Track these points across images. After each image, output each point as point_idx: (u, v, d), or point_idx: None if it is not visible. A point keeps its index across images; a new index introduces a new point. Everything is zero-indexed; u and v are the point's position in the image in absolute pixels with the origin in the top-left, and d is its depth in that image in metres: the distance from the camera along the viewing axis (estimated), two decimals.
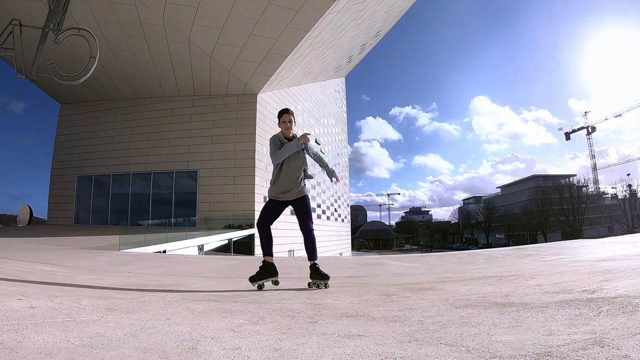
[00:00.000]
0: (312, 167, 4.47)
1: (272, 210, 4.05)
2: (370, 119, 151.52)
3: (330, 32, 19.64)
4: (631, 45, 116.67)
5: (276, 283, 3.98)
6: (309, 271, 3.91)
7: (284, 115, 4.18)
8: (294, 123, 4.19)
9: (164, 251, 12.46)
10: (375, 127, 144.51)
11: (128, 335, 1.78)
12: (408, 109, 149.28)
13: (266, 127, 22.83)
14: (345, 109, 45.64)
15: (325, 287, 3.79)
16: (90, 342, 1.62)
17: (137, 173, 23.31)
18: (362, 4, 18.76)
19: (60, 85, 9.80)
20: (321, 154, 4.37)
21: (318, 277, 3.83)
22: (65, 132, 25.41)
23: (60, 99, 25.54)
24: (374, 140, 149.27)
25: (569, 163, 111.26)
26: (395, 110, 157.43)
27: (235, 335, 1.77)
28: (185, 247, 14.18)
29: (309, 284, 3.90)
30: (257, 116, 21.90)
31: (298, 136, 4.16)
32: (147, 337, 1.73)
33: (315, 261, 3.94)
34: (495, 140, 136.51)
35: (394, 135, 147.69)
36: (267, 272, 3.86)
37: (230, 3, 15.57)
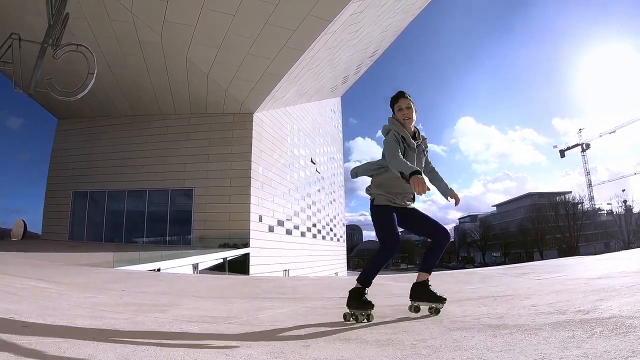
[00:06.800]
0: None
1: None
2: (359, 139, 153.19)
3: (326, 53, 19.89)
4: (616, 64, 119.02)
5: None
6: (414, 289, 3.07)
7: (400, 100, 3.08)
8: (414, 111, 3.06)
9: (159, 269, 12.34)
10: (365, 148, 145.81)
11: (120, 358, 1.77)
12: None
13: (262, 146, 22.90)
14: (341, 129, 45.94)
15: (436, 313, 2.98)
16: None
17: (132, 190, 23.24)
18: (358, 24, 19.05)
19: (58, 100, 9.85)
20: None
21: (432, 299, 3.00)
22: (62, 147, 25.36)
23: (57, 114, 25.57)
24: (365, 160, 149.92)
25: (560, 180, 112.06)
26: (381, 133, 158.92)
27: (228, 359, 1.75)
28: (180, 265, 14.07)
29: (410, 306, 3.09)
30: (253, 135, 21.98)
31: (421, 133, 3.13)
32: None
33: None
34: (484, 161, 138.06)
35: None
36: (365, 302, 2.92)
37: (228, 23, 15.79)
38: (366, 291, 2.93)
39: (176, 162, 22.46)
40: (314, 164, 32.45)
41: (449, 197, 3.13)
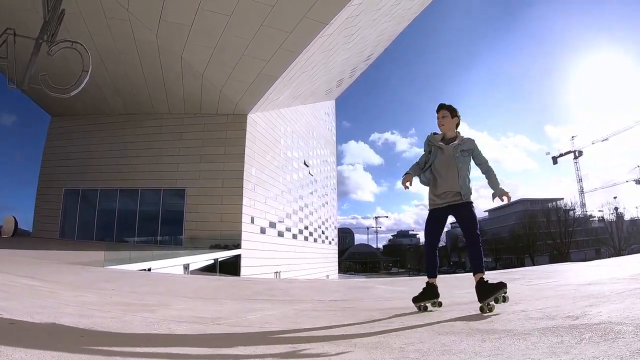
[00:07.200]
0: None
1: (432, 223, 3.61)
2: (352, 142, 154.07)
3: (321, 55, 19.90)
4: (609, 72, 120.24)
5: (439, 304, 3.62)
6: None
7: (440, 111, 3.74)
8: (450, 117, 3.70)
9: (149, 269, 12.26)
10: (358, 151, 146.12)
11: (106, 356, 1.74)
12: (387, 135, 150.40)
13: (255, 148, 22.83)
14: (334, 132, 45.94)
15: (504, 301, 3.27)
16: None
17: (124, 189, 23.06)
18: (354, 28, 19.09)
19: (51, 97, 9.76)
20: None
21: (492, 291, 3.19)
22: (54, 144, 25.05)
23: (50, 111, 25.27)
24: (357, 163, 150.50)
25: (552, 187, 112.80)
26: (374, 136, 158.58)
27: None
28: (171, 265, 13.97)
29: (481, 308, 3.15)
30: (246, 136, 21.90)
31: (462, 135, 3.75)
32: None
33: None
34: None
35: (375, 159, 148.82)
36: (429, 293, 3.54)
37: (224, 23, 15.75)
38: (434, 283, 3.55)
39: (169, 161, 22.30)
40: (307, 166, 32.43)
41: (496, 199, 3.68)
